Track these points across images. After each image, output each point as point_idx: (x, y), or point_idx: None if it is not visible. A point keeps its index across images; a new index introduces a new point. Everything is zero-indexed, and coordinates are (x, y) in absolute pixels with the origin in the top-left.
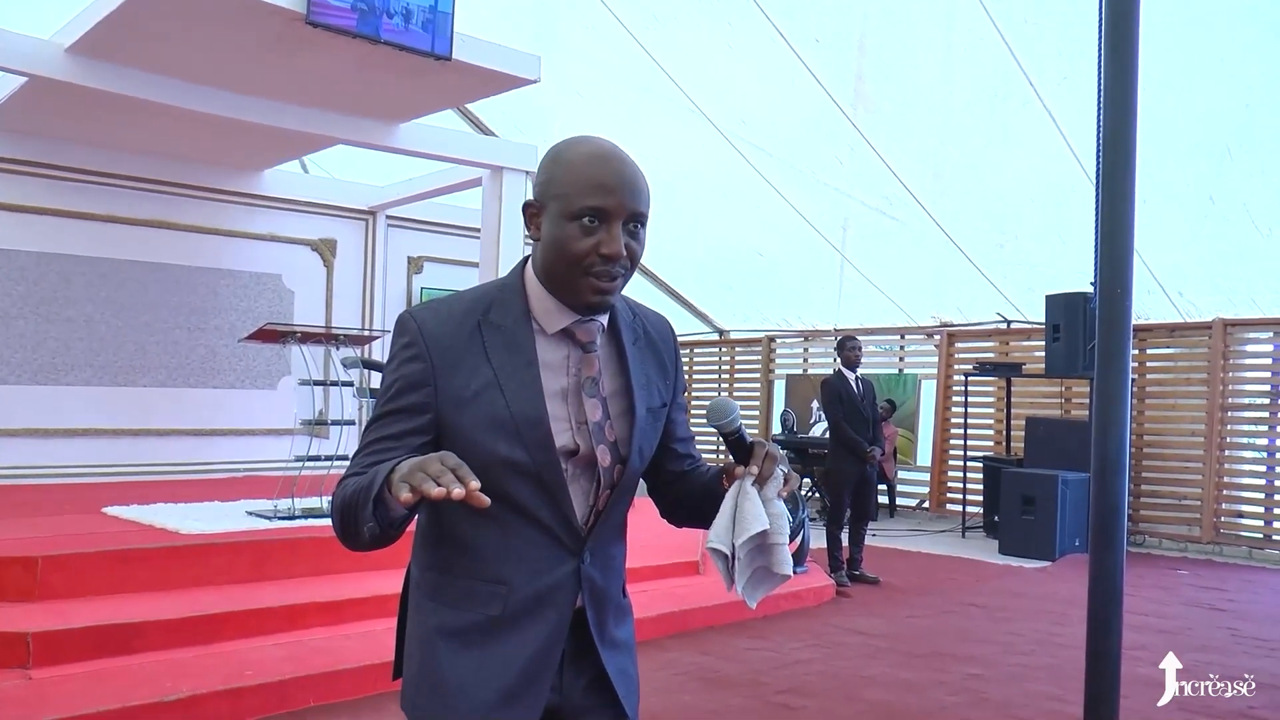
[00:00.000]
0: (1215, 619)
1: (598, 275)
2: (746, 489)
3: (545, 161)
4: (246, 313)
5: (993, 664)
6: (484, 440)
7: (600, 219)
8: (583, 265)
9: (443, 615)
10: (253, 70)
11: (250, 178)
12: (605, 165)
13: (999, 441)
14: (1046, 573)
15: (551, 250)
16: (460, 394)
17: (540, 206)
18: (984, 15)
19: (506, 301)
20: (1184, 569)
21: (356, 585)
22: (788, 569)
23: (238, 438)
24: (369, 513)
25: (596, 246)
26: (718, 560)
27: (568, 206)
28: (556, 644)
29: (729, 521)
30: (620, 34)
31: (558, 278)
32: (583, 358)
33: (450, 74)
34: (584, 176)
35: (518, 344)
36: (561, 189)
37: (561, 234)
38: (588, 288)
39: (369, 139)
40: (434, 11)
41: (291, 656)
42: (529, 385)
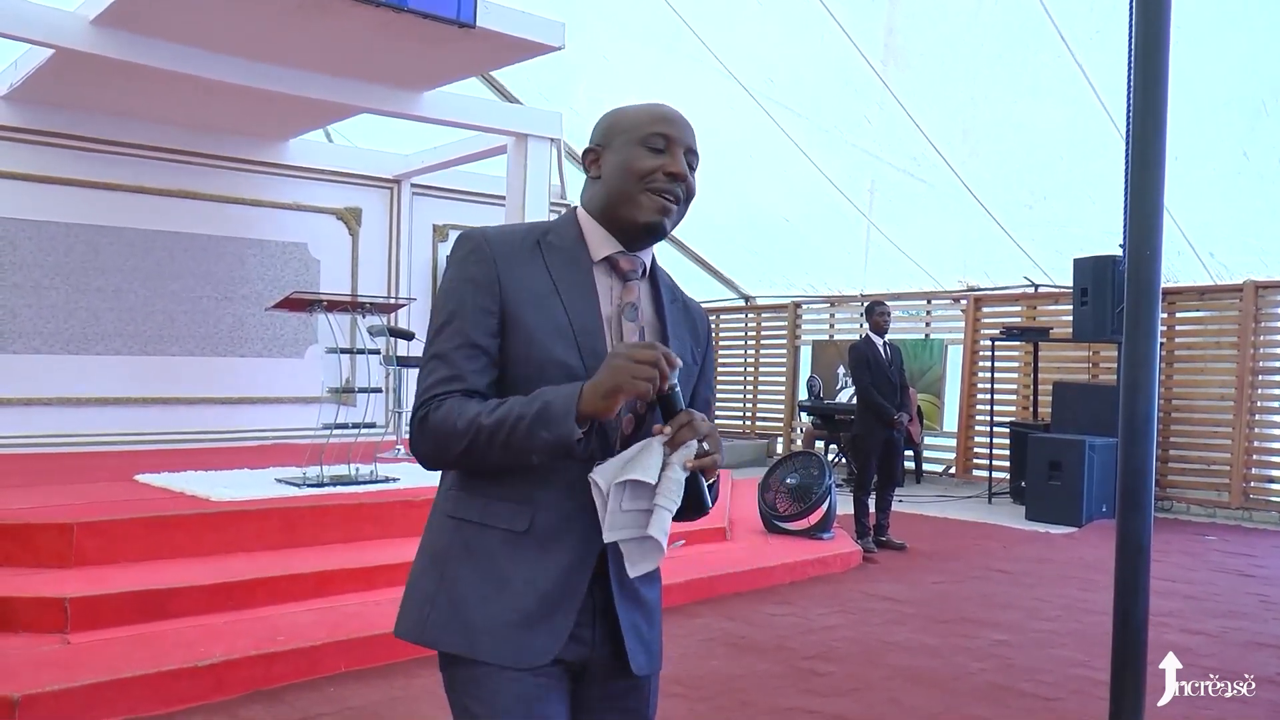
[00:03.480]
0: (1244, 585)
1: (661, 192)
2: (653, 443)
3: (605, 117)
4: (273, 282)
5: (1019, 630)
6: (546, 340)
7: (666, 146)
8: (646, 181)
9: (465, 532)
10: (276, 39)
11: (275, 147)
12: (667, 107)
13: (1026, 406)
14: (1073, 538)
15: (617, 173)
16: (523, 295)
17: (603, 148)
18: None
19: (562, 228)
20: (1212, 534)
21: (386, 552)
22: (662, 538)
23: (266, 406)
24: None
25: (663, 165)
26: (596, 494)
27: (636, 134)
28: (581, 571)
29: (620, 462)
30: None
31: (620, 197)
32: (624, 286)
33: (474, 41)
34: (649, 113)
35: (575, 260)
36: (627, 124)
37: (629, 156)
38: (650, 204)
39: (393, 107)
40: None
41: (322, 622)
42: (585, 296)
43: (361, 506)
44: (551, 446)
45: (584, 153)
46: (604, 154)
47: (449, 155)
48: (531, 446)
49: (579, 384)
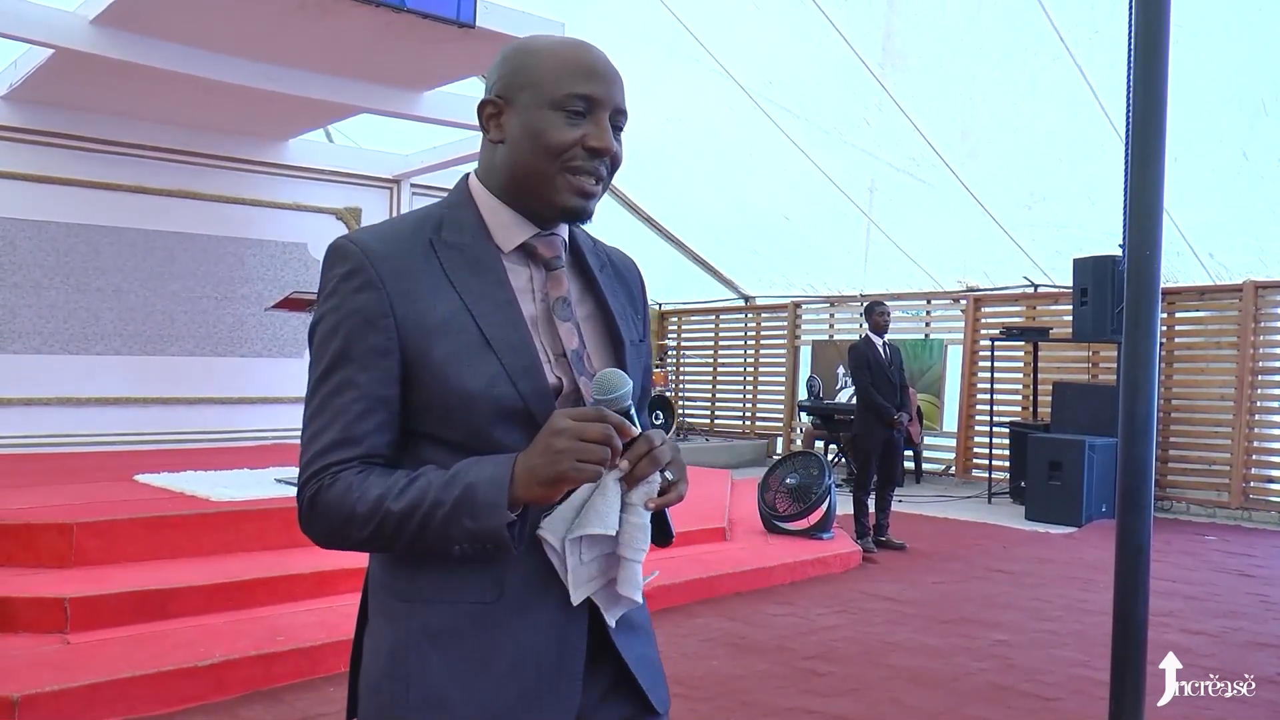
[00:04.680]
0: (1244, 585)
1: (581, 172)
2: (606, 482)
3: (509, 54)
4: (273, 282)
5: (1020, 630)
6: (463, 376)
7: (587, 109)
8: (563, 159)
9: (421, 614)
10: (276, 39)
11: (275, 147)
12: (589, 52)
13: (1026, 407)
14: (1073, 539)
15: (525, 145)
16: (426, 321)
17: (505, 102)
18: None
19: (457, 218)
20: (1212, 534)
21: None
22: (636, 593)
23: (265, 406)
24: (462, 528)
25: (583, 139)
26: (550, 552)
27: (549, 94)
28: (575, 626)
29: (572, 511)
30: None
31: (531, 178)
32: (548, 276)
33: (474, 41)
34: (568, 62)
35: (482, 262)
36: (538, 76)
37: (540, 124)
38: (568, 186)
39: (393, 107)
40: None
41: (322, 622)
42: (504, 307)
43: None
44: (478, 538)
45: (480, 105)
46: (506, 111)
47: (449, 155)
48: (452, 537)
49: (509, 461)
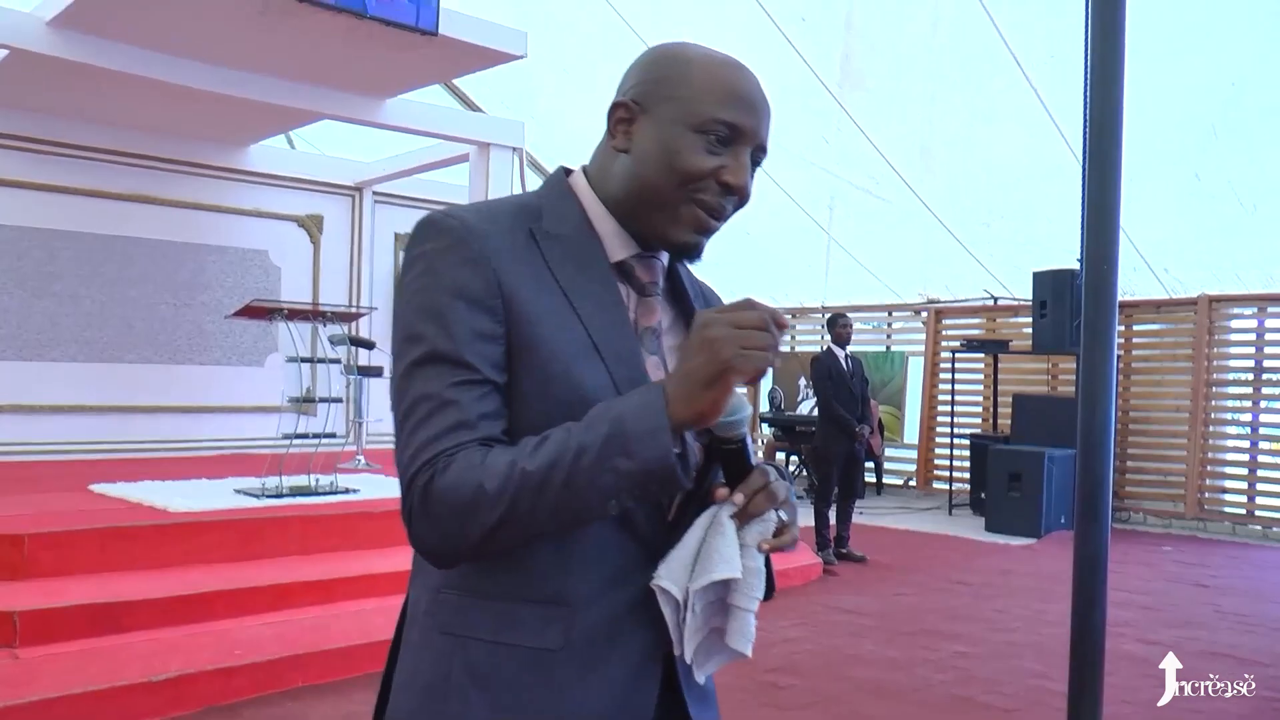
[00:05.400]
0: (1199, 595)
1: (707, 206)
2: (722, 520)
3: (657, 58)
4: (233, 289)
5: (980, 641)
6: (574, 371)
7: (729, 140)
8: (692, 189)
9: (470, 653)
10: (238, 43)
11: (236, 152)
12: (744, 77)
13: (986, 418)
14: (1033, 550)
15: (654, 163)
16: (530, 310)
17: (640, 109)
18: None
19: (559, 209)
20: (1169, 545)
21: (345, 564)
22: (748, 646)
23: (225, 415)
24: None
25: (718, 171)
26: (666, 605)
27: (693, 113)
28: (644, 689)
29: (690, 555)
30: (604, 8)
31: (651, 200)
32: (640, 302)
33: (437, 49)
34: (720, 83)
35: (587, 257)
36: (685, 91)
37: (676, 144)
38: (689, 219)
39: (356, 114)
40: None
41: (280, 636)
42: (610, 309)
43: (321, 518)
44: (639, 480)
45: (612, 107)
46: (640, 119)
47: (412, 163)
48: (605, 490)
49: (655, 383)
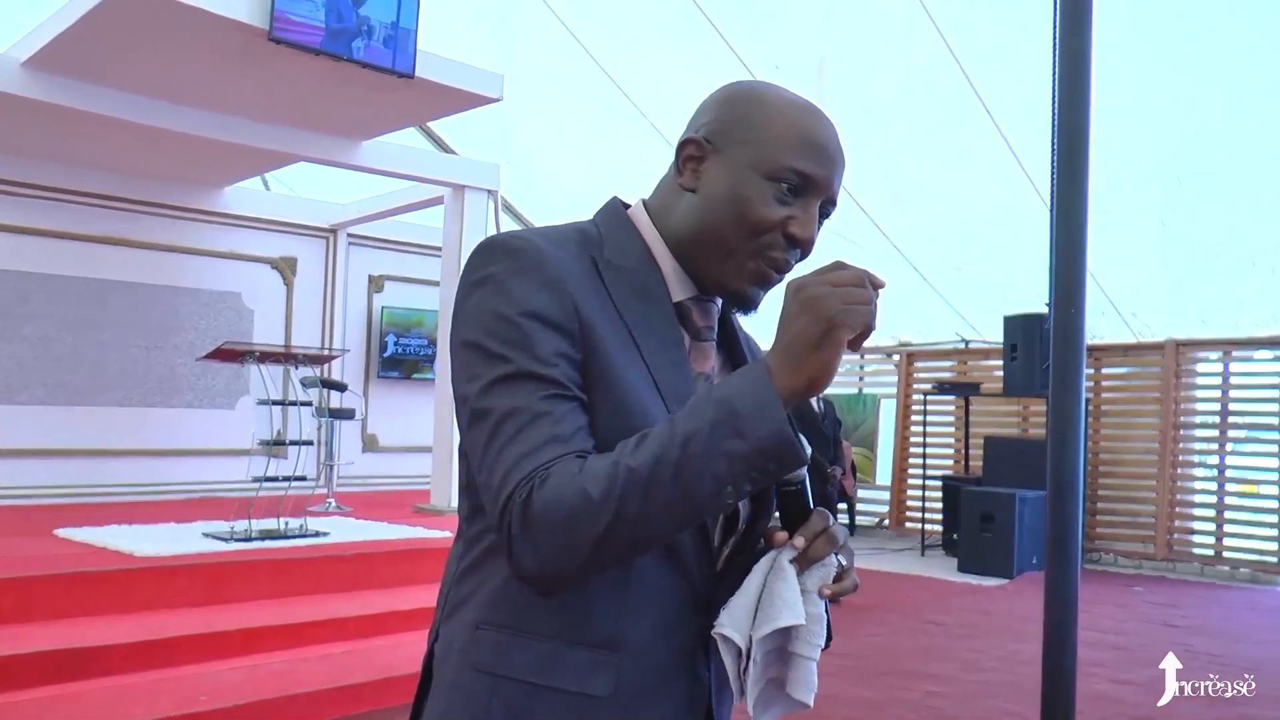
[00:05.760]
0: (1169, 635)
1: (770, 260)
2: (783, 565)
3: (733, 96)
4: (206, 331)
5: (953, 682)
6: (643, 403)
7: (802, 190)
8: (759, 240)
9: (508, 695)
10: (214, 85)
11: (211, 194)
12: (822, 125)
13: (958, 460)
14: (1005, 590)
15: (721, 207)
16: (603, 340)
17: (712, 149)
18: (941, 42)
19: (619, 241)
20: (1140, 586)
21: (315, 608)
22: (809, 696)
23: (195, 458)
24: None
25: (786, 222)
26: (727, 653)
27: (766, 159)
28: None
29: (752, 602)
30: (581, 54)
31: (714, 245)
32: (694, 346)
33: (414, 91)
34: (797, 130)
35: (651, 292)
36: (761, 135)
37: (746, 191)
38: (751, 271)
39: (331, 156)
40: (397, 28)
41: (247, 680)
42: (671, 347)
43: (291, 561)
44: (754, 462)
45: (682, 144)
46: (710, 159)
47: (386, 205)
48: (720, 473)
49: (754, 362)
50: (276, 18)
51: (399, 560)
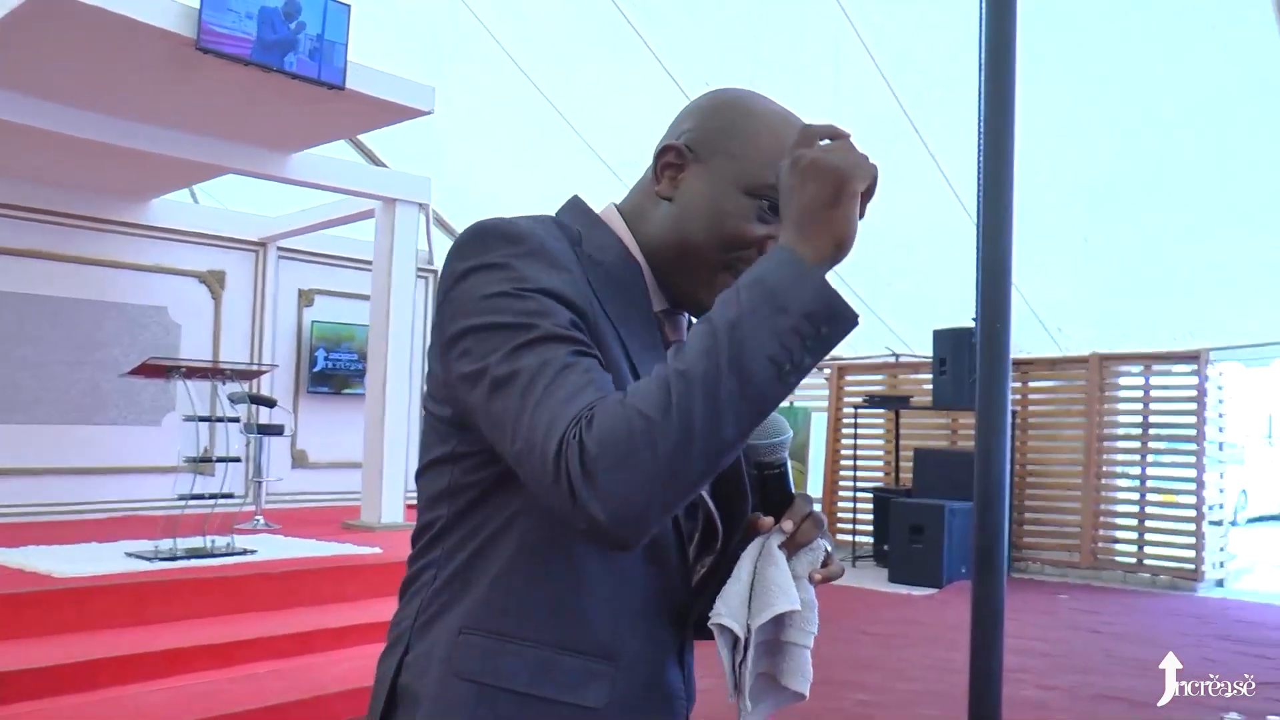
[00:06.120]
0: (1094, 641)
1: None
2: (772, 550)
3: (719, 105)
4: (131, 346)
5: (883, 691)
6: None
7: None
8: (733, 255)
9: (499, 706)
10: (140, 96)
11: (137, 207)
12: None
13: (888, 472)
14: (935, 600)
15: (699, 220)
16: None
17: (694, 157)
18: (870, 62)
19: (598, 238)
20: (1065, 593)
21: (242, 626)
22: (805, 686)
23: (119, 476)
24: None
25: (763, 241)
26: (724, 645)
27: (750, 174)
28: None
29: (746, 589)
30: (512, 69)
31: (688, 258)
32: None
33: (344, 103)
34: (781, 147)
35: (633, 293)
36: (745, 149)
37: (727, 205)
38: (724, 286)
39: (260, 168)
40: (324, 40)
41: (171, 703)
42: (653, 350)
43: (217, 580)
44: (806, 331)
45: (661, 150)
46: (690, 168)
47: (317, 218)
48: (775, 354)
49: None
50: (204, 28)
51: (328, 577)
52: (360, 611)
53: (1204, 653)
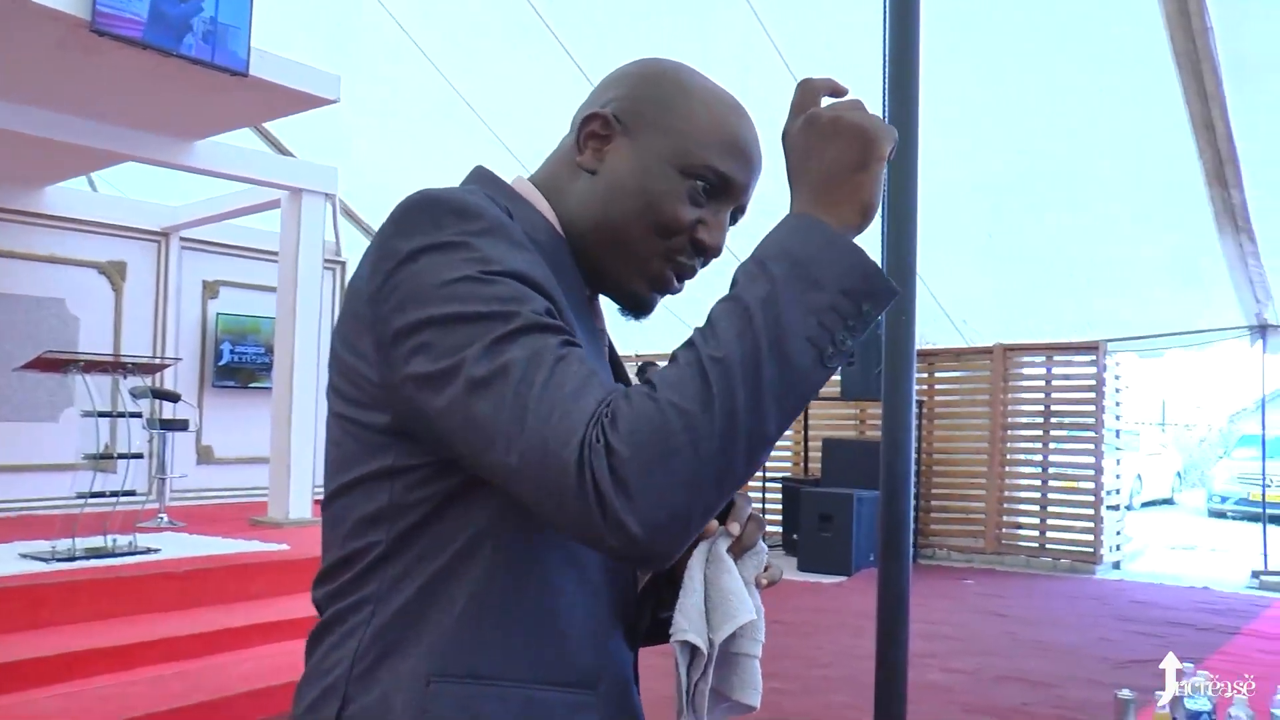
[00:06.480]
0: (998, 624)
1: (677, 265)
2: (721, 555)
3: (651, 75)
4: (26, 340)
5: (793, 678)
6: None
7: (717, 193)
8: (666, 243)
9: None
10: (33, 79)
11: (32, 195)
12: (748, 125)
13: (797, 462)
14: (844, 587)
15: (628, 198)
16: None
17: (622, 129)
18: (780, 62)
19: (523, 214)
20: (970, 578)
21: (143, 629)
22: (756, 698)
23: (12, 474)
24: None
25: (696, 227)
26: (683, 663)
27: (685, 152)
28: None
29: (702, 601)
30: (420, 59)
31: (617, 238)
32: None
33: (248, 91)
34: (723, 126)
35: (568, 275)
36: (682, 125)
37: (659, 184)
38: (656, 274)
39: (162, 156)
40: (219, 24)
41: (67, 709)
42: (594, 338)
43: (118, 581)
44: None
45: (587, 117)
46: (618, 140)
47: (221, 208)
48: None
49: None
50: (97, 9)
51: (234, 575)
52: (267, 609)
53: (1101, 633)
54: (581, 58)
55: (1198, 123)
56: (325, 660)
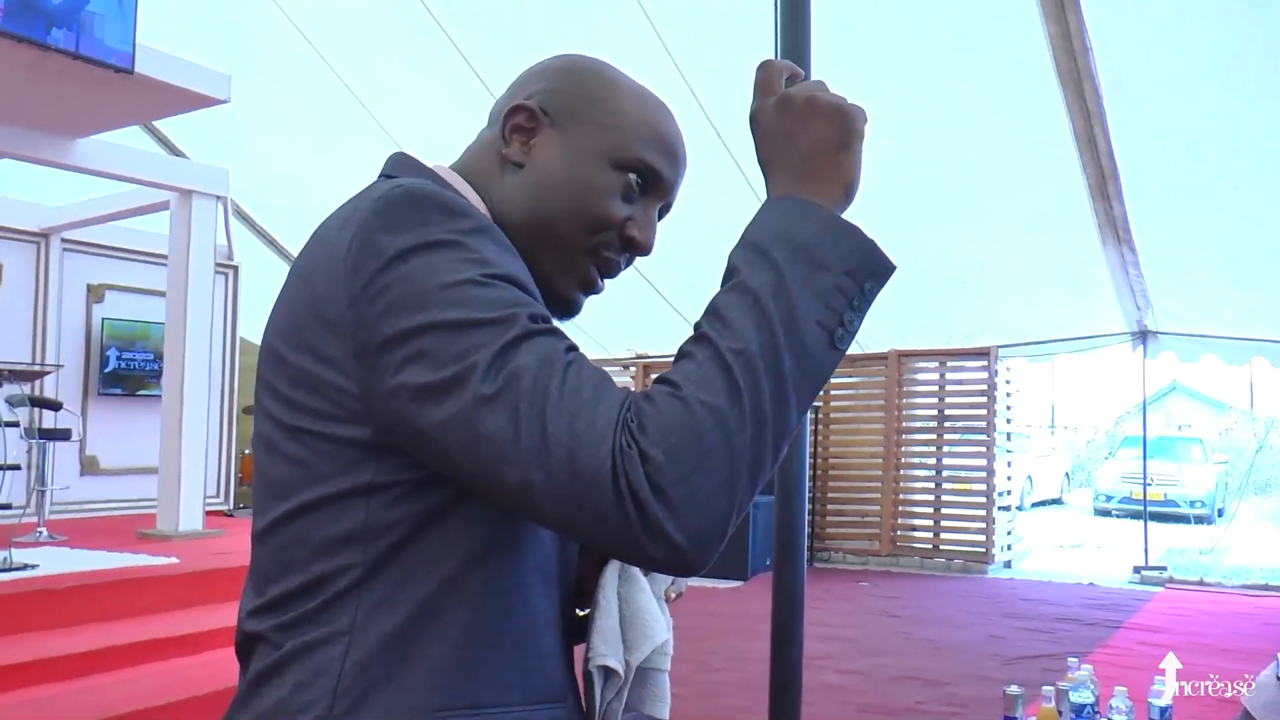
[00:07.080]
0: (892, 625)
1: (607, 263)
2: (634, 573)
3: (577, 69)
4: None
5: (687, 682)
6: None
7: (648, 189)
8: (595, 238)
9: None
10: None
11: None
12: (674, 123)
13: None
14: (740, 592)
15: (557, 191)
16: None
17: (550, 121)
18: (672, 66)
19: None
20: (866, 581)
21: (19, 648)
22: (665, 711)
23: None
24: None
25: (627, 225)
26: (599, 686)
27: (618, 148)
28: None
29: (617, 623)
30: (314, 58)
31: (546, 232)
32: None
33: (133, 88)
34: (653, 122)
35: None
36: (613, 120)
37: (590, 178)
38: (583, 273)
39: (40, 154)
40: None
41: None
42: None
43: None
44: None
45: (513, 109)
46: (545, 133)
47: (106, 209)
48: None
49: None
50: None
51: (118, 591)
52: (156, 625)
53: (992, 631)
54: (474, 58)
55: (1081, 139)
56: (292, 700)
